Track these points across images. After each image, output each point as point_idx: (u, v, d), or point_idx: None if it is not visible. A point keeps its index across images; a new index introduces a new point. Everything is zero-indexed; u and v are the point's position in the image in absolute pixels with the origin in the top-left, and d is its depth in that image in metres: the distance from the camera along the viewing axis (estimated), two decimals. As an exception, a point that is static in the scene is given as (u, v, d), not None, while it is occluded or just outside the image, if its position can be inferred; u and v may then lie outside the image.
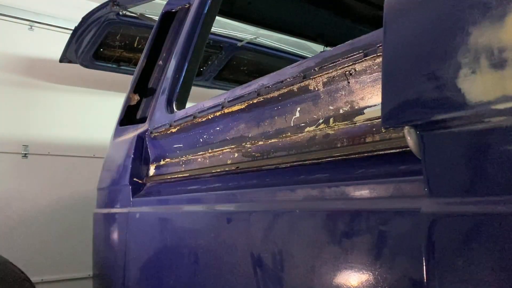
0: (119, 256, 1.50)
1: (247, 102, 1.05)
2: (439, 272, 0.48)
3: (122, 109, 1.83)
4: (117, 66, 2.77)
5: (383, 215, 0.65)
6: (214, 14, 1.63)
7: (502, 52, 0.42)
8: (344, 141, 0.83)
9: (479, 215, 0.45)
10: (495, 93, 0.43)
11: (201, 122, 1.24)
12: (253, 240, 0.92)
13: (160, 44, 1.76)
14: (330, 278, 0.73)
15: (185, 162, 1.35)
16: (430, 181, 0.50)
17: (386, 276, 0.63)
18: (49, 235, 2.93)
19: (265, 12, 2.19)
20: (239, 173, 1.11)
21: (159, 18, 1.81)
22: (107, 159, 1.78)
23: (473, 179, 0.46)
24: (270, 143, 1.02)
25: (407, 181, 0.64)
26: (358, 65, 0.77)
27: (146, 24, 2.36)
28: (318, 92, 0.87)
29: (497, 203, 0.43)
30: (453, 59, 0.46)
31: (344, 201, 0.74)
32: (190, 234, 1.14)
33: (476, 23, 0.44)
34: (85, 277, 2.89)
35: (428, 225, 0.50)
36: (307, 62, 0.90)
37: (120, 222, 1.52)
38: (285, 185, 0.91)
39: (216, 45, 2.71)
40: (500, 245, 0.43)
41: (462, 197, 0.47)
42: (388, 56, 0.55)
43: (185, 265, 1.16)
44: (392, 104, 0.53)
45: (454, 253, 0.46)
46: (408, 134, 0.52)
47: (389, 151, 0.73)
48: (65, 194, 3.00)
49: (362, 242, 0.67)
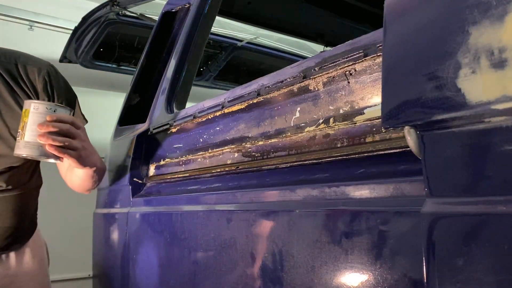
0: (119, 256, 1.50)
1: (247, 102, 1.05)
2: (439, 272, 0.48)
3: (122, 109, 1.83)
4: (117, 66, 2.77)
5: (383, 215, 0.65)
6: (214, 14, 1.63)
7: (502, 52, 0.42)
8: (344, 141, 0.83)
9: (479, 215, 0.45)
10: (495, 93, 0.43)
11: (201, 122, 1.24)
12: (253, 240, 0.92)
13: (160, 44, 1.76)
14: (330, 278, 0.73)
15: (185, 162, 1.35)
16: (430, 181, 0.50)
17: (386, 276, 0.63)
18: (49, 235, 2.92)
19: (265, 12, 2.18)
20: (239, 173, 1.11)
21: (159, 18, 1.81)
22: (107, 159, 1.78)
23: (473, 179, 0.46)
24: (270, 143, 1.02)
25: (407, 181, 0.64)
26: (358, 65, 0.78)
27: (146, 24, 2.36)
28: (318, 92, 0.87)
29: (497, 203, 0.43)
30: (453, 59, 0.46)
31: (344, 201, 0.74)
32: (190, 234, 1.14)
33: (476, 23, 0.44)
34: (85, 277, 2.88)
35: (428, 225, 0.50)
36: (307, 62, 0.90)
37: (120, 222, 1.52)
38: (285, 185, 0.91)
39: (216, 45, 2.71)
40: (500, 245, 0.43)
41: (462, 197, 0.47)
42: (388, 56, 0.55)
43: (185, 265, 1.16)
44: (392, 104, 0.53)
45: (454, 253, 0.46)
46: (408, 134, 0.52)
47: (389, 151, 0.73)
48: (65, 194, 3.00)
49: (362, 242, 0.67)
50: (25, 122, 0.99)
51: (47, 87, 1.17)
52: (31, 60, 1.20)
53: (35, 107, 0.99)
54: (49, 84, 1.18)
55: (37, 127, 0.98)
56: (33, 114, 0.99)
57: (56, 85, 1.20)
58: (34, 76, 1.17)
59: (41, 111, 0.99)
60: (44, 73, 1.18)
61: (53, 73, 1.20)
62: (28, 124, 0.99)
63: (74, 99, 1.25)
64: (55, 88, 1.19)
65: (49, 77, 1.18)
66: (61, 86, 1.22)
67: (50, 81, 1.18)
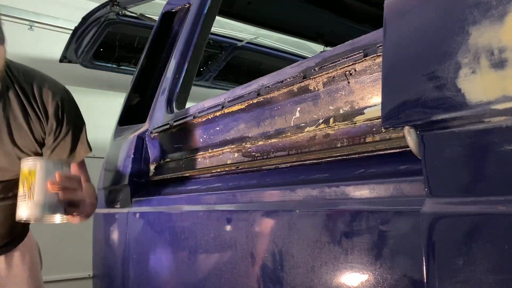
0: (119, 256, 1.50)
1: (247, 102, 1.05)
2: (439, 272, 0.48)
3: (122, 109, 1.83)
4: (117, 66, 2.77)
5: (383, 215, 0.65)
6: (214, 14, 1.63)
7: (502, 52, 0.42)
8: (344, 141, 0.83)
9: (479, 215, 0.45)
10: (495, 93, 0.43)
11: (201, 122, 1.24)
12: (253, 240, 0.92)
13: (160, 44, 1.76)
14: (330, 278, 0.73)
15: (185, 162, 1.35)
16: (430, 181, 0.50)
17: (386, 276, 0.63)
18: (49, 235, 2.92)
19: (265, 12, 2.18)
20: (239, 173, 1.11)
21: (159, 18, 1.81)
22: (107, 159, 1.78)
23: (473, 179, 0.46)
24: (270, 143, 1.02)
25: (407, 181, 0.64)
26: (358, 65, 0.77)
27: (146, 24, 2.36)
28: (318, 92, 0.87)
29: (497, 203, 0.43)
30: (453, 59, 0.46)
31: (344, 201, 0.74)
32: (190, 234, 1.14)
33: (476, 23, 0.44)
34: (85, 277, 2.88)
35: (428, 225, 0.50)
36: (307, 62, 0.90)
37: (120, 222, 1.52)
38: (285, 185, 0.91)
39: (216, 45, 2.71)
40: (500, 245, 0.43)
41: (462, 197, 0.47)
42: (388, 56, 0.55)
43: (185, 265, 1.16)
44: (392, 104, 0.53)
45: (454, 253, 0.46)
46: (408, 134, 0.52)
47: (389, 151, 0.73)
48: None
49: (362, 242, 0.67)
50: (32, 182, 0.97)
51: (58, 112, 1.19)
52: (48, 82, 1.21)
53: (41, 166, 0.98)
54: (61, 109, 1.19)
55: (48, 185, 0.97)
56: (40, 172, 0.97)
57: (67, 111, 1.21)
58: (48, 99, 1.18)
59: (49, 168, 0.98)
60: (58, 99, 1.19)
61: (66, 99, 1.22)
62: (36, 184, 0.97)
63: (81, 126, 1.27)
64: (65, 114, 1.20)
65: (62, 102, 1.20)
66: (72, 112, 1.23)
67: (62, 106, 1.20)
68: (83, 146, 1.27)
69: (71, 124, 1.22)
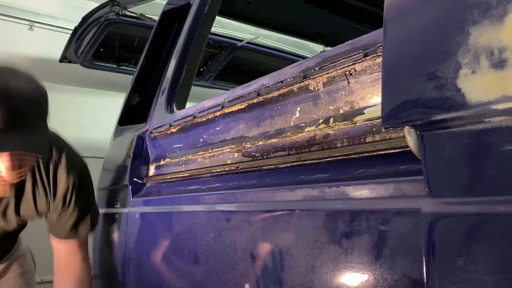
0: (119, 256, 1.50)
1: (247, 102, 1.05)
2: (439, 272, 0.48)
3: (122, 109, 1.83)
4: (117, 66, 2.77)
5: (383, 215, 0.65)
6: (214, 14, 1.63)
7: (502, 52, 0.42)
8: (344, 141, 0.83)
9: (479, 215, 0.45)
10: (495, 93, 0.43)
11: (201, 122, 1.24)
12: (253, 240, 0.92)
13: (160, 44, 1.76)
14: (330, 278, 0.73)
15: (185, 162, 1.35)
16: (430, 181, 0.50)
17: (386, 276, 0.63)
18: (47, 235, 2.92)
19: (265, 12, 2.18)
20: (239, 173, 1.11)
21: (159, 18, 1.81)
22: (107, 159, 1.78)
23: (473, 179, 0.46)
24: (270, 143, 1.02)
25: (407, 181, 0.64)
26: (358, 65, 0.77)
27: (146, 24, 2.36)
28: (318, 92, 0.87)
29: (497, 203, 0.43)
30: (453, 59, 0.46)
31: (344, 201, 0.74)
32: (190, 234, 1.14)
33: (476, 23, 0.44)
34: (85, 277, 2.88)
35: (428, 225, 0.50)
36: (307, 62, 0.90)
37: (120, 222, 1.52)
38: (285, 185, 0.91)
39: (216, 45, 2.71)
40: (500, 245, 0.43)
41: (462, 197, 0.47)
42: (388, 56, 0.55)
43: (185, 265, 1.16)
44: (392, 104, 0.53)
45: (454, 253, 0.46)
46: (408, 134, 0.52)
47: (389, 151, 0.73)
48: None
49: (362, 242, 0.67)
50: None
51: (67, 195, 1.16)
52: (66, 156, 1.16)
53: None
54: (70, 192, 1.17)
55: None
56: None
57: (77, 194, 1.19)
58: (62, 177, 1.15)
59: None
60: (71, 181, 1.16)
61: (80, 179, 1.19)
62: None
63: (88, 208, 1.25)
64: (74, 197, 1.18)
65: (74, 184, 1.17)
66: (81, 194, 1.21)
67: (73, 189, 1.17)
68: (86, 226, 1.26)
69: (78, 206, 1.20)
